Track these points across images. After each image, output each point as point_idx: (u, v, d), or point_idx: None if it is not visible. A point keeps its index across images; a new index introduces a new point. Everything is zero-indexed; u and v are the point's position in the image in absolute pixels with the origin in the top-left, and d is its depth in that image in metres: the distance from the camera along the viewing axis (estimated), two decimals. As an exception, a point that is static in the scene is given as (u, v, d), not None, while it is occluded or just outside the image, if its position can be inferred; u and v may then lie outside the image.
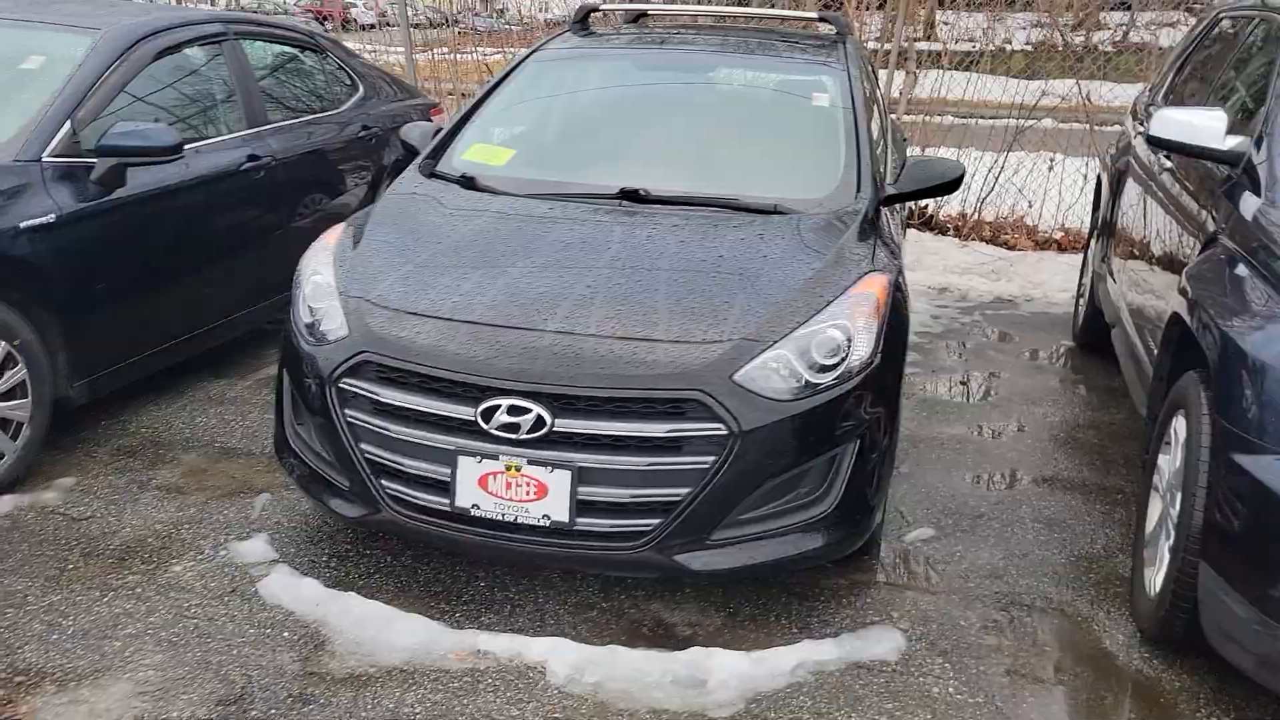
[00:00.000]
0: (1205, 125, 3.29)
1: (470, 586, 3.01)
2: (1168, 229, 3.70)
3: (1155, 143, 3.45)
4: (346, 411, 2.81)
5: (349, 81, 5.69)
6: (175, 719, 2.43)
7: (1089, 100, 7.50)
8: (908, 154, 5.13)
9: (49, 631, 2.73)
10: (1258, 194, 2.96)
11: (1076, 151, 7.72)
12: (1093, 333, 5.29)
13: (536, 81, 4.13)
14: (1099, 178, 5.65)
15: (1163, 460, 3.07)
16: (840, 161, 3.57)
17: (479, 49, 8.35)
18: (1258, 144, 3.16)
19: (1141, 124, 4.95)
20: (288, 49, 5.26)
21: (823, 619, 2.92)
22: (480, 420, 2.65)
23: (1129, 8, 11.39)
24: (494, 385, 2.65)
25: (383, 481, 2.79)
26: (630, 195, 3.38)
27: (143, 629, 2.76)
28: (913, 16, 8.79)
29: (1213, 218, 3.21)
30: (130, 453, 3.79)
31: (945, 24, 9.90)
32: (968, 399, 4.75)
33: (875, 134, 3.79)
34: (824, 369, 2.74)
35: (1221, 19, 4.69)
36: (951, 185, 3.59)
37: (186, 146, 4.02)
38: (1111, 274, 4.73)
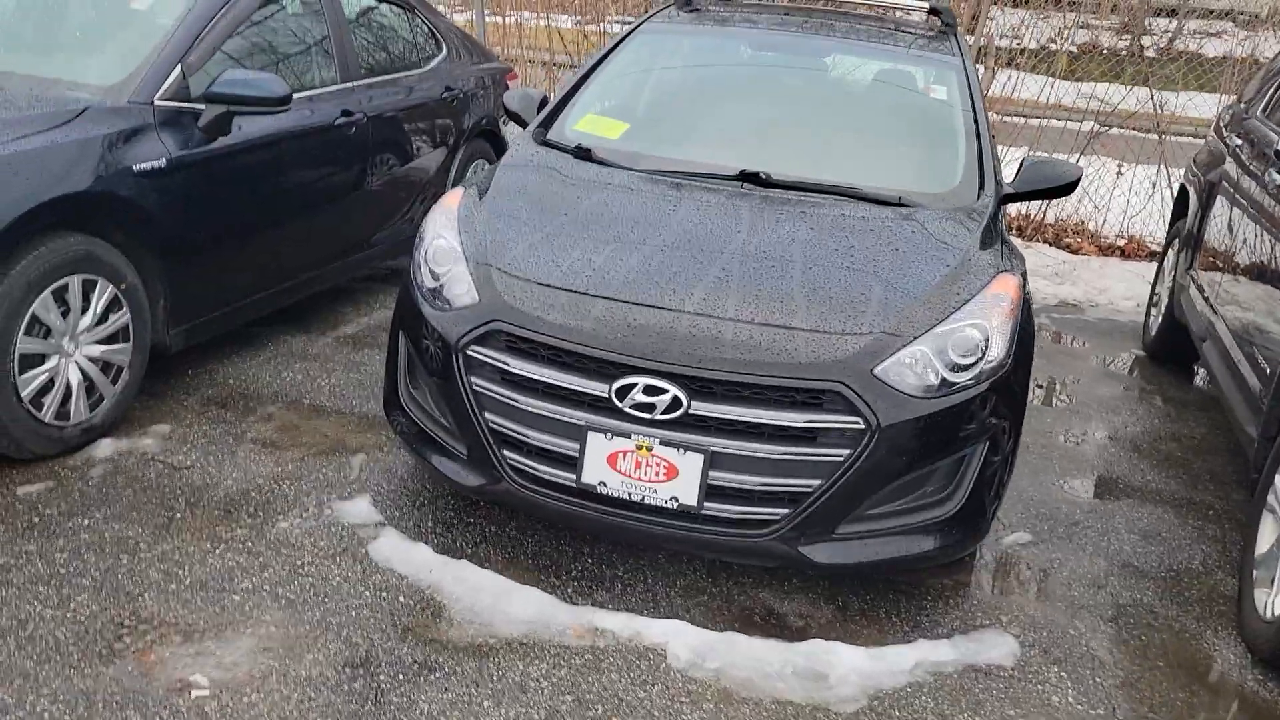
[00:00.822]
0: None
1: (578, 562, 3.00)
2: (1282, 247, 3.64)
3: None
4: (472, 379, 2.78)
5: (433, 40, 5.64)
6: (304, 678, 2.42)
7: (1161, 109, 7.41)
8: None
9: (166, 580, 2.72)
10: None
11: (1140, 160, 7.63)
12: (1169, 343, 5.25)
13: (646, 55, 4.08)
14: (1181, 188, 5.58)
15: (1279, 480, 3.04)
16: (961, 157, 3.52)
17: (549, 15, 8.25)
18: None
19: (1237, 138, 4.89)
20: (378, 4, 5.20)
21: (933, 619, 2.91)
22: (614, 398, 2.62)
23: (1174, 13, 11.21)
24: (630, 363, 2.62)
25: (505, 452, 2.76)
26: (750, 177, 3.33)
27: (259, 584, 2.75)
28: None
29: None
30: (221, 403, 3.77)
31: (991, 19, 9.79)
32: (1046, 403, 4.71)
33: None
34: (959, 368, 2.71)
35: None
36: (1068, 188, 3.56)
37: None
38: (1200, 287, 4.68)
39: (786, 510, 2.63)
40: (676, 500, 2.63)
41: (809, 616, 2.87)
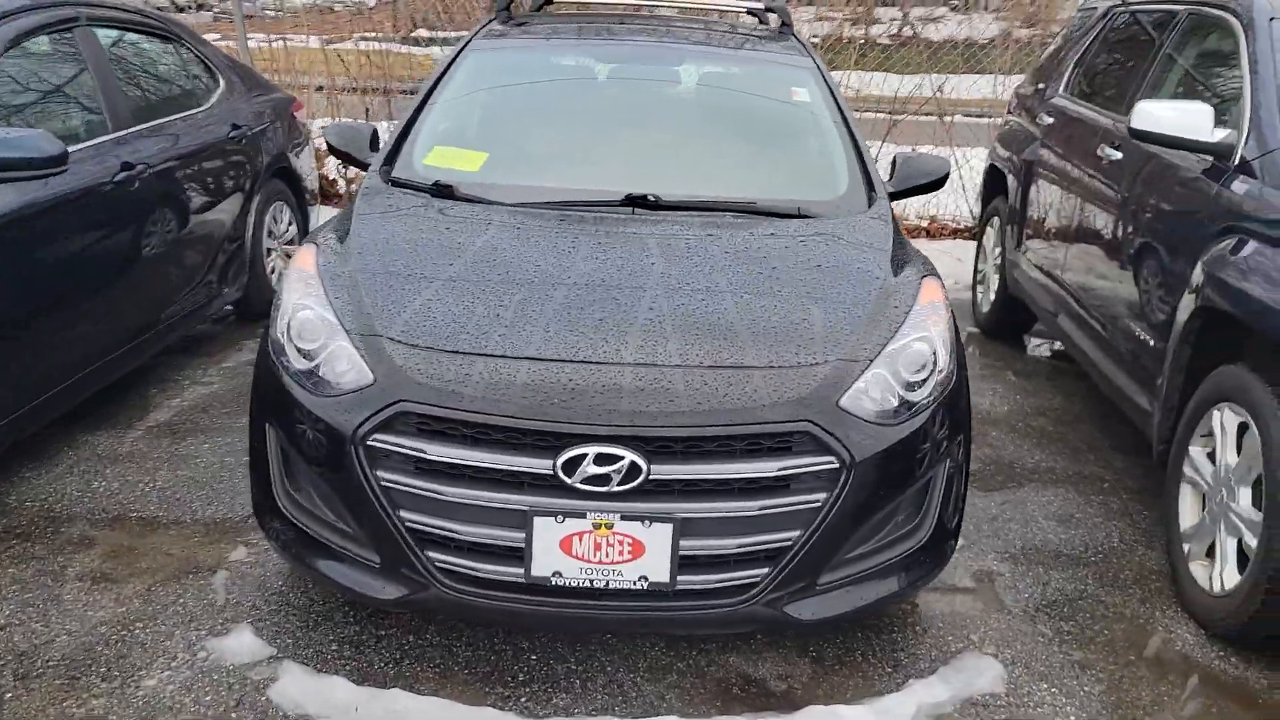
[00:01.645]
0: (1192, 119, 3.32)
1: (520, 661, 2.60)
2: (1139, 222, 3.72)
3: (1138, 136, 3.46)
4: (379, 474, 2.33)
5: (208, 75, 4.99)
6: None
7: (941, 94, 7.72)
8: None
9: (14, 792, 2.11)
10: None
11: (926, 143, 7.90)
12: (1004, 319, 5.40)
13: (484, 76, 3.69)
14: (993, 168, 5.76)
15: (1195, 451, 3.07)
16: (842, 160, 3.38)
17: (315, 35, 7.59)
18: (1250, 136, 3.21)
19: (1047, 117, 5.07)
20: (141, 37, 4.51)
21: (910, 653, 2.72)
22: (561, 473, 2.26)
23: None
24: (575, 431, 2.26)
25: (430, 554, 2.34)
26: (638, 201, 3.03)
27: (141, 771, 2.19)
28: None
29: (1211, 210, 3.21)
30: (24, 535, 3.08)
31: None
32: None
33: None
34: (914, 386, 2.52)
35: (1122, 14, 4.85)
36: (940, 182, 3.51)
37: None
38: (1037, 264, 4.80)
39: (765, 570, 2.35)
40: (646, 580, 2.30)
41: (789, 676, 2.61)
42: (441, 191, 3.08)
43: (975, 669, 2.65)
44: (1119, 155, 4.04)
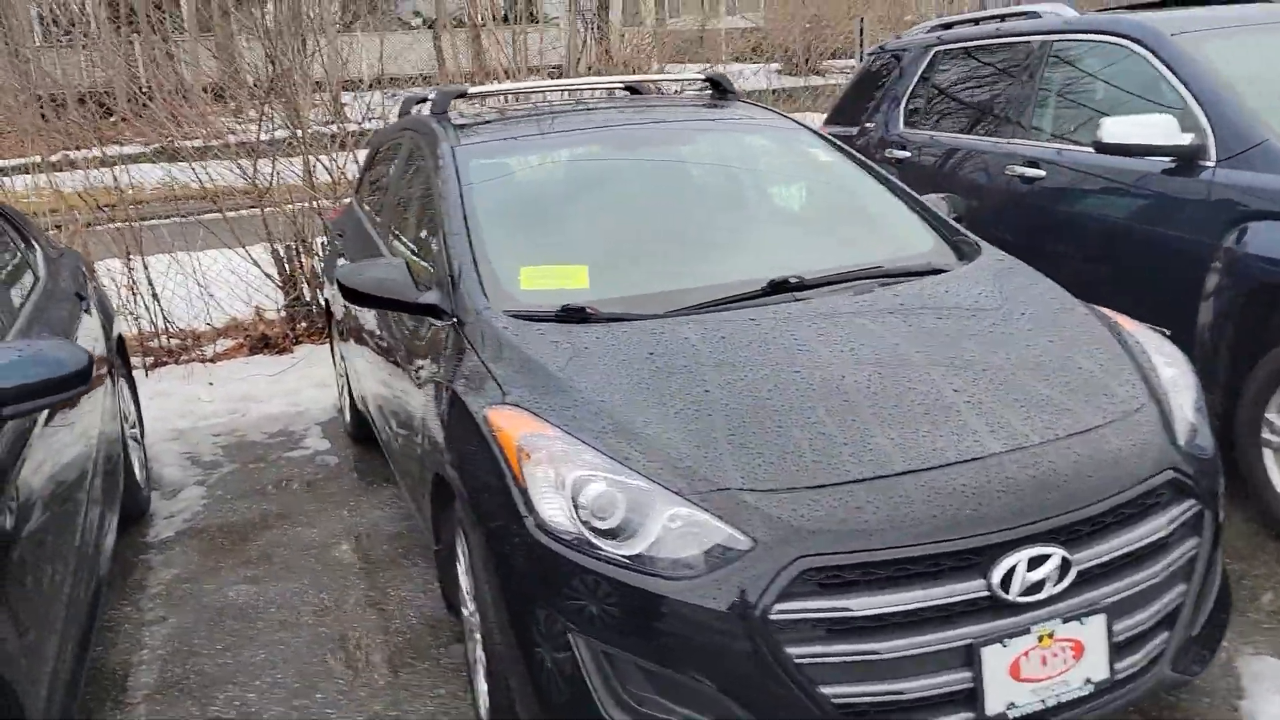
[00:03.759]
0: (1163, 129, 3.67)
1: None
2: (1100, 225, 4.04)
3: (1107, 149, 3.76)
4: (790, 650, 1.91)
5: (22, 240, 3.96)
6: None
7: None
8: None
9: None
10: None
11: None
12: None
13: (499, 182, 3.22)
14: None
15: (1273, 416, 3.35)
16: (902, 208, 3.32)
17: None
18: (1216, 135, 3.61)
19: (898, 151, 5.40)
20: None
21: (1203, 679, 2.70)
22: (999, 589, 1.98)
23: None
24: (1000, 540, 2.00)
25: (864, 728, 1.95)
26: (780, 286, 2.77)
27: None
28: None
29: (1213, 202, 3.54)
30: None
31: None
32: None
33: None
34: (1184, 407, 2.49)
35: (949, 51, 5.30)
36: (963, 218, 3.58)
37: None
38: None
39: (1166, 634, 2.22)
40: (1090, 681, 2.08)
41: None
42: (572, 315, 2.62)
43: (1264, 675, 2.68)
44: (1040, 173, 4.36)
